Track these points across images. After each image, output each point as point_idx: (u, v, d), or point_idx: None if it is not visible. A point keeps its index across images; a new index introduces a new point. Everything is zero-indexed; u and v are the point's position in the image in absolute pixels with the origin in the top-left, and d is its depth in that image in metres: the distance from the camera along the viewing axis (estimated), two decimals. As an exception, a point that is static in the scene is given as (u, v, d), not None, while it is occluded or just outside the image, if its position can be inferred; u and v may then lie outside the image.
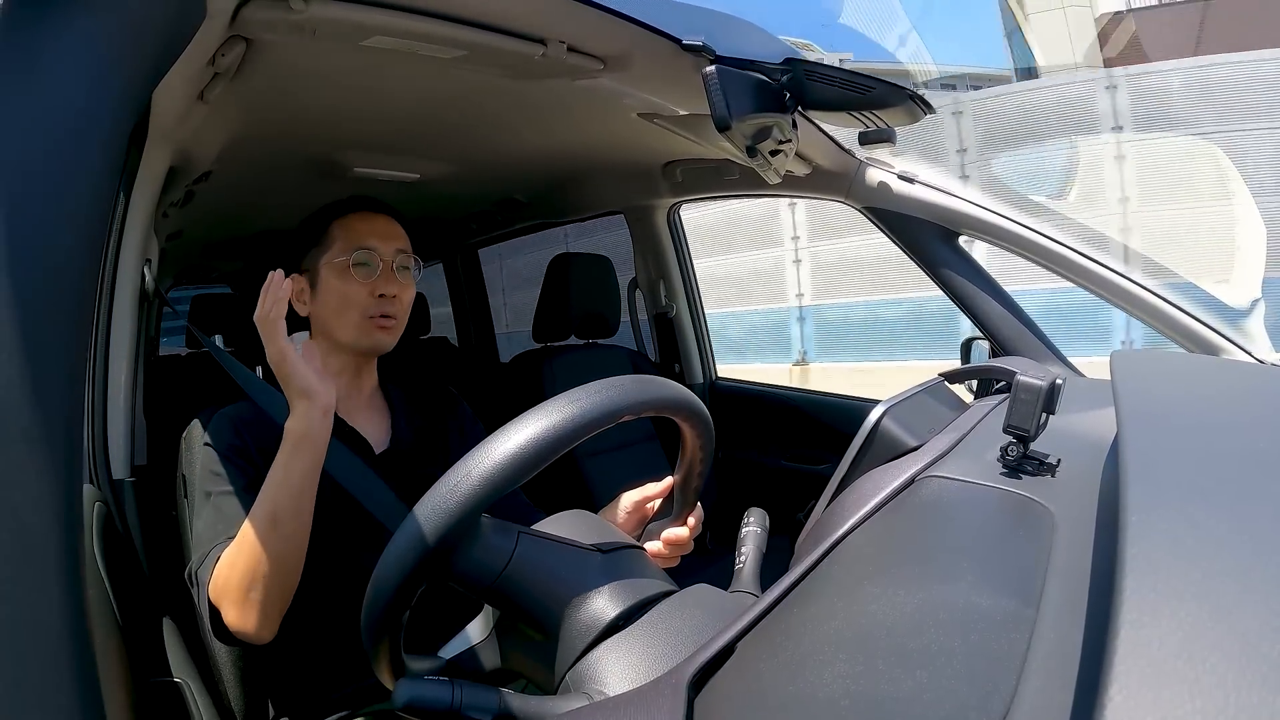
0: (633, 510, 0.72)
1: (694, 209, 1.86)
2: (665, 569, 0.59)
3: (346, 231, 0.92)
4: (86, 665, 0.31)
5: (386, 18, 0.80)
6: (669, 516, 0.70)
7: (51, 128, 0.35)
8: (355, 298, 0.90)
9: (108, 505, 0.94)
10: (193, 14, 0.61)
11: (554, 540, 0.51)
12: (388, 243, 0.92)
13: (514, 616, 0.50)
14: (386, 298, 0.90)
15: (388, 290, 0.91)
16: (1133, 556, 0.31)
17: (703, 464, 0.64)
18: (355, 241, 0.91)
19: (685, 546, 0.70)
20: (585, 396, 0.50)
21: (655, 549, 0.69)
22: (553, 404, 0.49)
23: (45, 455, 0.31)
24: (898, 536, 0.51)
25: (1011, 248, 1.31)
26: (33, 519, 0.31)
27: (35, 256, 0.33)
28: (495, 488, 0.45)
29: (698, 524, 0.70)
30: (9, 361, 0.31)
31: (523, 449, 0.46)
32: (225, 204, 1.63)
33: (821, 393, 1.93)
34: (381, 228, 0.94)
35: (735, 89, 0.89)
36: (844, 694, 0.31)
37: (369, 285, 0.90)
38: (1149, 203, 5.93)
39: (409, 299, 0.94)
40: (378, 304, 0.90)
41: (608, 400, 0.50)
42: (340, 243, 0.91)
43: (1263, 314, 1.28)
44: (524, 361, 1.89)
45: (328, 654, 0.86)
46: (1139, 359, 0.78)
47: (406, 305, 0.94)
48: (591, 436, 0.50)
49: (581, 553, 0.51)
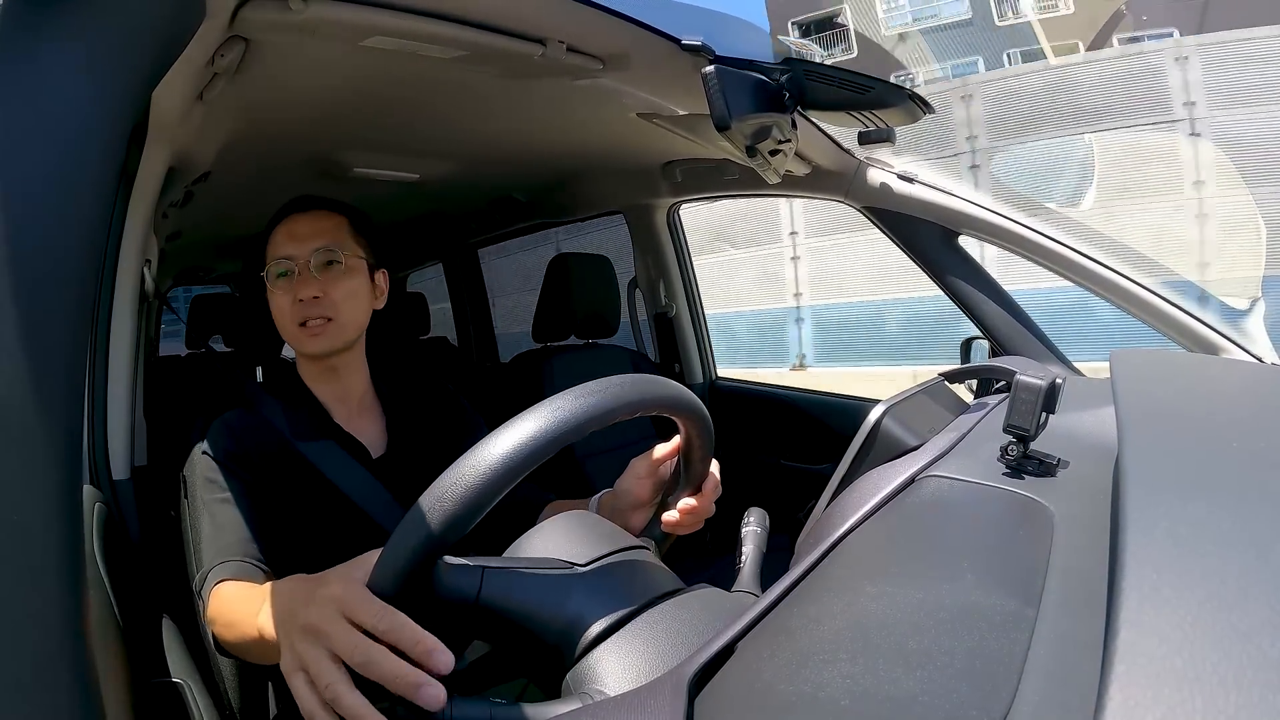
0: (645, 475, 0.71)
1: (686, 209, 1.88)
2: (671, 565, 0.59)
3: (271, 246, 0.92)
4: (86, 665, 0.31)
5: (386, 18, 0.80)
6: (681, 488, 0.69)
7: (51, 128, 0.35)
8: (283, 308, 0.89)
9: (108, 505, 0.94)
10: (192, 14, 0.61)
11: (522, 570, 0.49)
12: (304, 244, 0.90)
13: (499, 646, 0.50)
14: (305, 301, 0.89)
15: (305, 293, 0.88)
16: (1133, 556, 0.31)
17: (702, 449, 0.64)
18: (275, 252, 0.91)
19: (703, 511, 0.69)
20: (579, 397, 0.50)
21: (673, 519, 0.68)
22: (546, 405, 0.49)
23: (45, 455, 0.31)
24: (898, 536, 0.51)
25: (1012, 247, 1.31)
26: (33, 519, 0.31)
27: (35, 256, 0.33)
28: (490, 491, 0.45)
29: (714, 488, 0.69)
30: (9, 361, 0.31)
31: (515, 450, 0.46)
32: (225, 204, 1.63)
33: (822, 392, 1.93)
34: (299, 229, 0.92)
35: (734, 89, 0.89)
36: (844, 693, 0.31)
37: (291, 293, 0.89)
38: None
39: (342, 292, 0.91)
40: (300, 309, 0.89)
41: (602, 401, 0.50)
42: (268, 258, 0.91)
43: (1262, 313, 1.28)
44: (524, 361, 1.89)
45: None
46: (1139, 358, 0.78)
47: (342, 301, 0.90)
48: (591, 437, 0.50)
49: (554, 576, 0.49)
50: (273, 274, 0.90)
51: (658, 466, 0.71)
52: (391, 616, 0.45)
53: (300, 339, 0.90)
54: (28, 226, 0.33)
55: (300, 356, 0.95)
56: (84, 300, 0.35)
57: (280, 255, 0.90)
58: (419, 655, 0.44)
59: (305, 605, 0.50)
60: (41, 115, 0.35)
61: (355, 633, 0.45)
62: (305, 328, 0.89)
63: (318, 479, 0.88)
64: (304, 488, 0.87)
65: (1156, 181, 6.19)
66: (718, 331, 7.76)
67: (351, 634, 0.45)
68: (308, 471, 0.88)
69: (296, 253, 0.90)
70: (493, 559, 0.49)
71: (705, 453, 0.65)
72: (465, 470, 0.46)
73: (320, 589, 0.49)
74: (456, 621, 0.47)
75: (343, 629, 0.46)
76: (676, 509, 0.68)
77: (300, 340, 0.91)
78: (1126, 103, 6.40)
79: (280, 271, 0.90)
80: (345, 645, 0.45)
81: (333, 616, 0.46)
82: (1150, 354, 0.84)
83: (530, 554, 0.52)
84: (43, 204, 0.34)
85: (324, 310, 0.89)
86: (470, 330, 2.81)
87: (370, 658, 0.44)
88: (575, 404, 0.49)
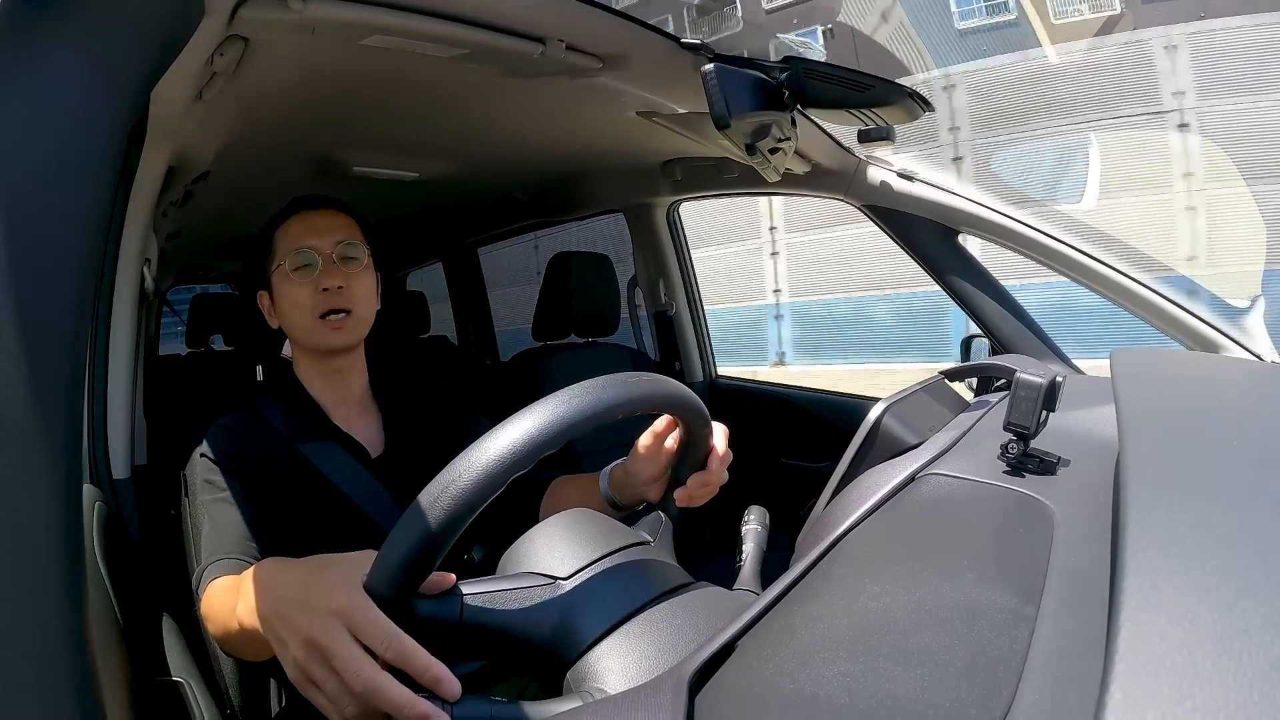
0: (648, 455, 0.71)
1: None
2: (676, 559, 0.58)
3: (285, 237, 0.92)
4: (86, 665, 0.31)
5: (385, 17, 0.80)
6: (689, 462, 0.69)
7: (51, 127, 0.35)
8: (302, 300, 0.89)
9: (108, 505, 0.94)
10: (191, 13, 0.61)
11: (501, 592, 0.48)
12: (326, 236, 0.91)
13: (492, 661, 0.50)
14: (331, 291, 0.89)
15: (330, 283, 0.89)
16: (1133, 554, 0.31)
17: (698, 426, 0.64)
18: (292, 245, 0.90)
19: (716, 479, 0.69)
20: (575, 396, 0.50)
21: (686, 493, 0.68)
22: (541, 406, 0.49)
23: (45, 455, 0.31)
24: (898, 534, 0.51)
25: (1012, 245, 1.31)
26: (33, 519, 0.30)
27: (35, 256, 0.33)
28: (485, 490, 0.45)
29: (723, 458, 0.69)
30: (9, 361, 0.31)
31: (512, 448, 0.46)
32: (224, 203, 1.63)
33: (822, 390, 1.93)
34: (319, 223, 0.92)
35: (734, 87, 0.89)
36: (845, 692, 0.31)
37: (312, 283, 0.89)
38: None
39: (362, 287, 0.92)
40: (324, 299, 0.89)
41: (598, 400, 0.50)
42: (281, 249, 0.91)
43: (1263, 311, 1.28)
44: (524, 360, 1.89)
45: None
46: (1139, 357, 0.78)
47: (361, 295, 0.92)
48: (591, 435, 0.50)
49: (534, 594, 0.49)
50: (291, 265, 0.89)
51: (660, 442, 0.71)
52: (400, 643, 0.45)
53: (319, 332, 0.90)
54: (28, 226, 0.33)
55: (303, 355, 0.95)
56: (84, 300, 0.35)
57: (301, 246, 0.90)
58: (428, 683, 0.44)
59: (303, 611, 0.49)
60: (41, 114, 0.35)
61: (362, 658, 0.45)
62: (325, 321, 0.89)
63: (318, 479, 0.88)
64: (304, 488, 0.87)
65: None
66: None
67: (358, 660, 0.45)
68: (308, 472, 0.88)
69: (319, 244, 0.90)
70: (472, 582, 0.49)
71: (702, 428, 0.65)
72: (460, 471, 0.46)
73: (321, 597, 0.48)
74: (445, 642, 0.47)
75: (350, 654, 0.45)
76: (688, 484, 0.68)
77: (319, 334, 0.90)
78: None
79: (304, 263, 0.89)
80: (351, 672, 0.45)
81: (340, 636, 0.46)
82: (1151, 352, 0.84)
83: (515, 568, 0.52)
84: (42, 203, 0.34)
85: (346, 302, 0.90)
86: (470, 328, 2.81)
87: (378, 687, 0.44)
88: (534, 419, 0.48)
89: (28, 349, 0.31)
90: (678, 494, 0.69)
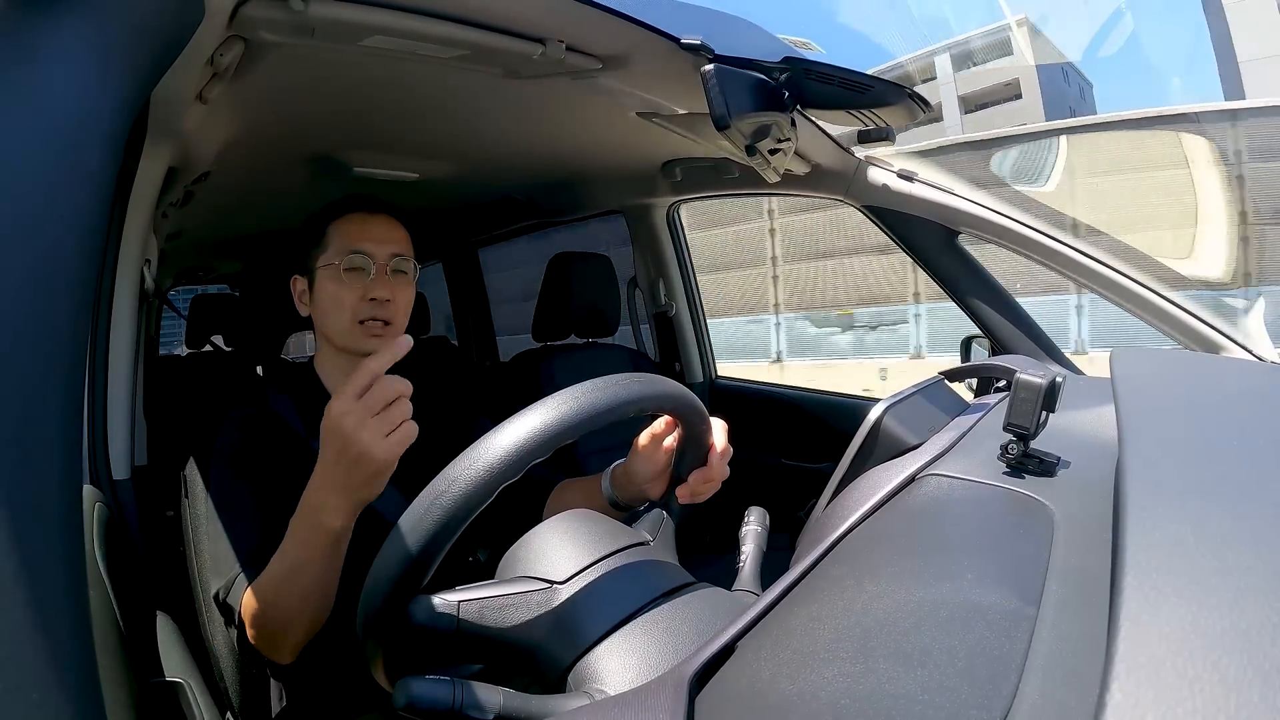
0: (645, 455, 0.71)
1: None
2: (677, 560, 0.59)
3: (342, 234, 0.92)
4: (86, 665, 0.31)
5: (385, 17, 0.80)
6: (690, 459, 0.69)
7: (50, 128, 0.35)
8: (346, 301, 0.89)
9: (108, 505, 0.94)
10: (191, 14, 0.61)
11: (497, 598, 0.49)
12: (383, 246, 0.92)
13: (490, 665, 0.50)
14: (379, 301, 0.90)
15: (380, 294, 0.90)
16: (1133, 555, 0.31)
17: (696, 424, 0.64)
18: (349, 244, 0.90)
19: (717, 475, 0.69)
20: (574, 397, 0.50)
21: (688, 491, 0.69)
22: (538, 407, 0.49)
23: (45, 455, 0.31)
24: (898, 535, 0.51)
25: (1012, 247, 1.31)
26: (33, 519, 0.30)
27: (34, 257, 0.33)
28: (476, 500, 0.46)
29: (722, 454, 0.69)
30: (8, 361, 0.31)
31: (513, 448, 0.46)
32: (225, 204, 1.63)
33: (822, 391, 1.93)
34: (377, 230, 0.93)
35: (734, 88, 0.89)
36: (845, 693, 0.31)
37: (361, 289, 0.89)
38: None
39: (405, 301, 0.93)
40: (370, 307, 0.89)
41: (596, 400, 0.50)
42: (335, 245, 0.91)
43: (1262, 311, 1.28)
44: (524, 361, 1.89)
45: (332, 656, 0.86)
46: (1139, 357, 0.78)
47: (403, 308, 0.93)
48: (591, 435, 0.50)
49: (531, 599, 0.49)
50: (345, 265, 0.89)
51: (658, 442, 0.71)
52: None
53: (356, 336, 0.90)
54: (27, 226, 0.33)
55: (330, 351, 0.94)
56: (83, 300, 0.35)
57: (357, 248, 0.90)
58: (400, 389, 0.63)
59: (336, 466, 0.65)
60: (41, 115, 0.35)
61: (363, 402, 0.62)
62: (364, 326, 0.90)
63: None
64: None
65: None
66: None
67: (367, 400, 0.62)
68: None
69: (376, 251, 0.91)
70: (468, 589, 0.49)
71: (700, 426, 0.65)
72: (450, 480, 0.46)
73: (327, 463, 0.65)
74: (442, 648, 0.48)
75: (362, 410, 0.62)
76: (690, 481, 0.68)
77: (355, 337, 0.90)
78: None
79: (358, 266, 0.90)
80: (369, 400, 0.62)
81: (354, 416, 0.62)
82: (1150, 353, 0.84)
83: (512, 572, 0.52)
84: (42, 204, 0.34)
85: (389, 314, 0.90)
86: (470, 329, 2.81)
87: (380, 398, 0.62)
88: (524, 425, 0.48)
89: (28, 349, 0.31)
90: (680, 491, 0.69)
